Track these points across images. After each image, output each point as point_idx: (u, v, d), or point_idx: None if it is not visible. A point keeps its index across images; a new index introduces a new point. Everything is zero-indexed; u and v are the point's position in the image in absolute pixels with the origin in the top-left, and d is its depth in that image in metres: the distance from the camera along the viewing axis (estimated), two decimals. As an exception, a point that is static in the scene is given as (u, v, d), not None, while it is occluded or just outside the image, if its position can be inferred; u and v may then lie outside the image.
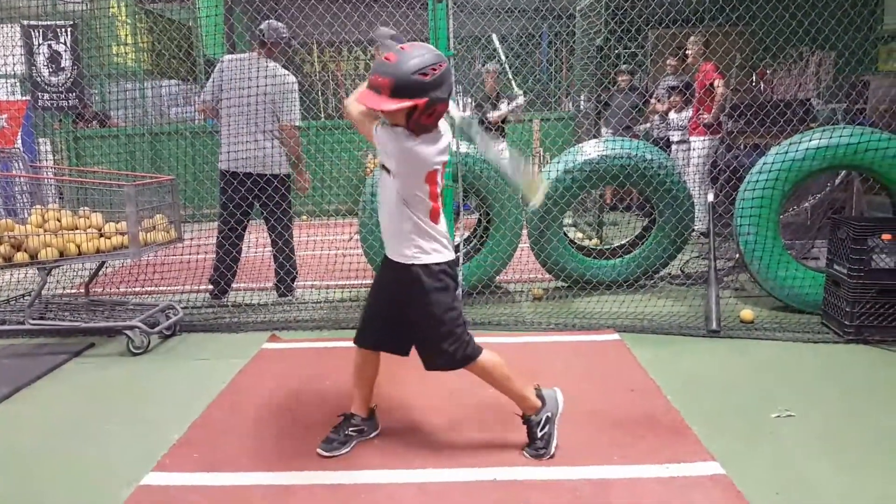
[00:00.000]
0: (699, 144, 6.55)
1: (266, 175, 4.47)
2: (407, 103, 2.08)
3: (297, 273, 4.78)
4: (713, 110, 6.34)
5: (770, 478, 2.30)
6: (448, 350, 2.34)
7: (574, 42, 7.11)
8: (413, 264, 2.31)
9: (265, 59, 4.45)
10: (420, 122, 2.15)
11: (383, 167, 2.30)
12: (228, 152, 4.46)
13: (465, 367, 2.39)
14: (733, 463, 2.37)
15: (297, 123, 4.54)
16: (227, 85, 4.44)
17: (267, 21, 4.53)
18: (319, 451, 2.49)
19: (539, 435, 2.44)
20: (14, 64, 6.36)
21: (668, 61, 7.48)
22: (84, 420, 2.90)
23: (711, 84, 6.32)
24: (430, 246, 2.31)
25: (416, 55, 2.10)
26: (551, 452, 2.43)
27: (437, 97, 2.12)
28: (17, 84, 7.59)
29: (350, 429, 2.54)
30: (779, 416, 2.73)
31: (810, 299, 4.06)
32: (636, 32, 5.83)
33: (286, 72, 4.50)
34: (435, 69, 2.10)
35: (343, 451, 2.49)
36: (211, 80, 4.53)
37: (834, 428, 2.66)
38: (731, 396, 2.97)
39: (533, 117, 8.96)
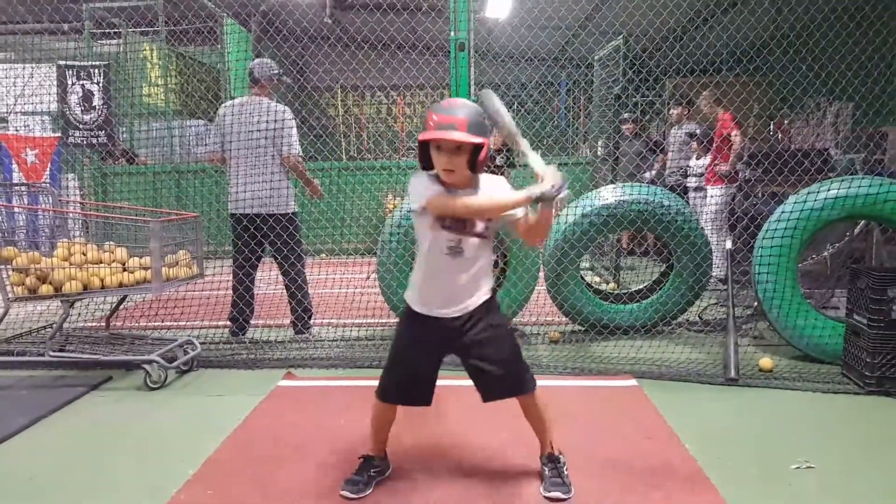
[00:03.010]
0: (716, 192, 6.57)
1: (275, 214, 4.53)
2: (480, 140, 2.21)
3: (312, 310, 4.80)
4: (730, 159, 6.38)
5: (790, 531, 2.25)
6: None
7: (592, 90, 7.24)
8: (490, 297, 2.43)
9: (259, 98, 4.53)
10: (483, 163, 2.27)
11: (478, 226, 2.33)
12: (237, 195, 4.54)
13: (523, 396, 2.46)
14: (752, 514, 2.33)
15: (296, 152, 4.54)
16: (227, 130, 4.52)
17: (256, 59, 4.64)
18: (345, 493, 2.46)
19: (566, 473, 2.49)
20: (49, 102, 6.60)
21: (671, 111, 7.58)
22: (98, 454, 2.92)
23: (729, 134, 6.37)
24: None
25: (466, 103, 2.30)
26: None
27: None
28: (49, 121, 7.84)
29: (372, 470, 2.55)
30: (798, 468, 2.68)
31: (830, 349, 4.01)
32: (654, 82, 5.92)
33: (280, 106, 4.54)
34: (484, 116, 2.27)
35: (367, 493, 2.48)
36: (213, 129, 4.62)
37: (854, 481, 2.60)
38: (749, 446, 2.92)
39: (550, 162, 9.07)
